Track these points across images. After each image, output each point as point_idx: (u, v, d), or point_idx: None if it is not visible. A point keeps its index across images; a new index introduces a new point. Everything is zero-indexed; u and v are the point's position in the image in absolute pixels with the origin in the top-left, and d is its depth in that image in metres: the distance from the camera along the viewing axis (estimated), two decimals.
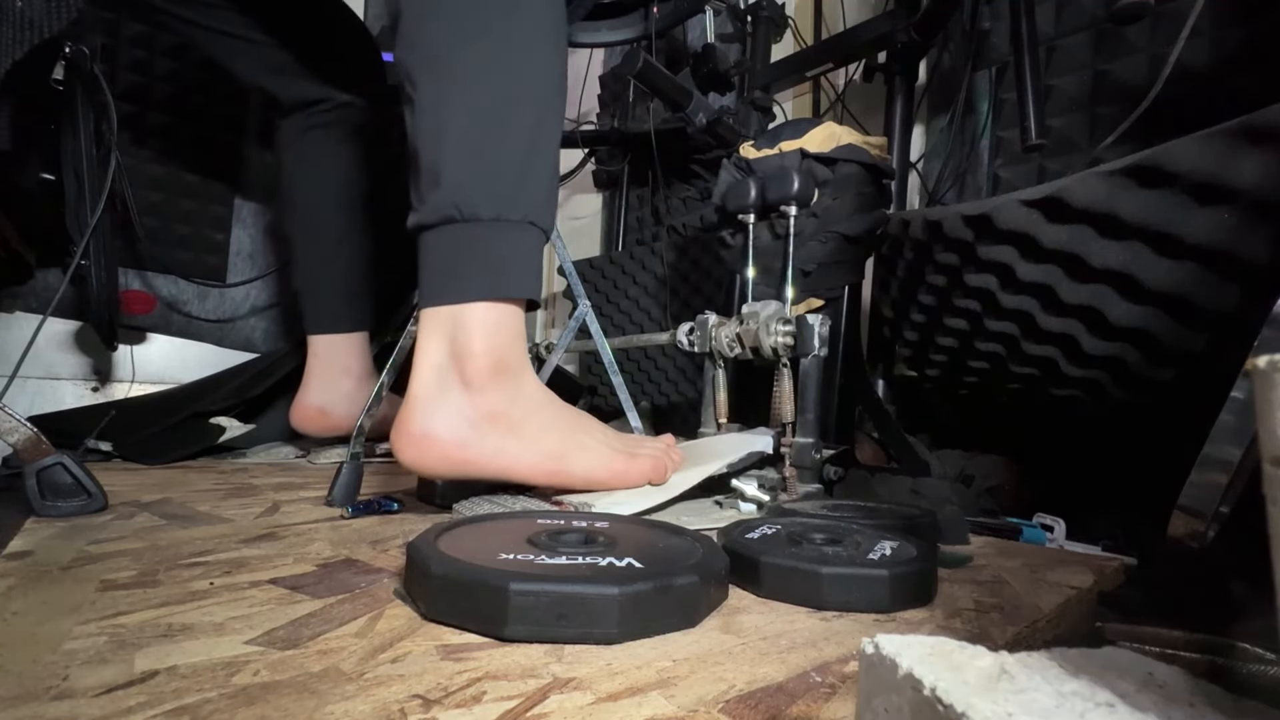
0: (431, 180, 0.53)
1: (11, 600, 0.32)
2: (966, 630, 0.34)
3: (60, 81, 0.91)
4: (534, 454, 0.53)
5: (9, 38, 0.60)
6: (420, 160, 0.54)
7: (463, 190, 0.53)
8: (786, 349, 0.73)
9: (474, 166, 0.54)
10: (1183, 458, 0.35)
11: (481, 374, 0.51)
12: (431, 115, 0.54)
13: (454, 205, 0.53)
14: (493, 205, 0.53)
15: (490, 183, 0.54)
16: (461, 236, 0.53)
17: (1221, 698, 0.17)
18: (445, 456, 0.50)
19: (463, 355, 0.51)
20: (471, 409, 0.51)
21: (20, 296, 1.13)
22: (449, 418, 0.51)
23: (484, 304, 0.53)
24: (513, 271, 0.55)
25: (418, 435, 0.50)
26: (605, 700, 0.24)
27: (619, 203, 1.71)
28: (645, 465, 0.59)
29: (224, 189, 1.37)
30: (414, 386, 0.52)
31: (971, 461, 0.85)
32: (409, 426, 0.50)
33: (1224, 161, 0.52)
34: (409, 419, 0.51)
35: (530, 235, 0.56)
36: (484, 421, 0.51)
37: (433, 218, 0.53)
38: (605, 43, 1.25)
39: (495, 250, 0.54)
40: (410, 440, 0.50)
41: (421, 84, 0.54)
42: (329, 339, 0.94)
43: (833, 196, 0.85)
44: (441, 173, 0.53)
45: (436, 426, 0.50)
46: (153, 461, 0.85)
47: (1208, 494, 0.33)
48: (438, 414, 0.50)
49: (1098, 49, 0.95)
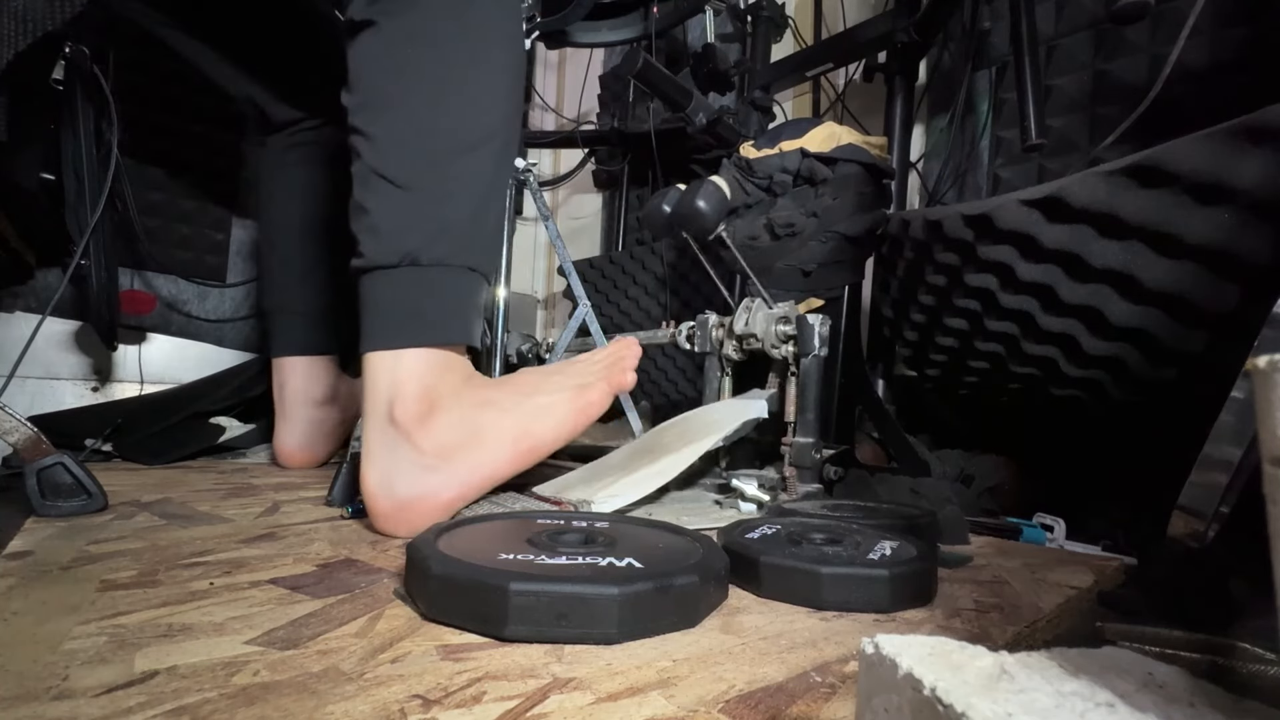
0: (370, 225, 0.53)
1: (11, 600, 0.32)
2: (966, 630, 0.34)
3: (60, 81, 0.91)
4: (502, 452, 0.53)
5: (9, 29, 0.60)
6: (363, 205, 0.53)
7: (401, 237, 0.52)
8: (787, 349, 0.73)
9: (413, 212, 0.53)
10: (1183, 458, 0.35)
11: (418, 419, 0.51)
12: (372, 157, 0.53)
13: (392, 251, 0.52)
14: (432, 251, 0.53)
15: (430, 229, 0.53)
16: (401, 282, 0.53)
17: (1221, 698, 0.17)
18: (424, 513, 0.49)
19: (401, 404, 0.51)
20: (421, 455, 0.50)
21: (20, 296, 1.13)
22: (405, 476, 0.50)
23: (417, 350, 0.52)
24: (448, 319, 0.54)
25: (388, 510, 0.49)
26: (605, 700, 0.24)
27: (619, 203, 1.72)
28: (602, 389, 0.59)
29: (224, 189, 1.37)
30: (365, 451, 0.51)
31: (971, 461, 0.85)
32: (376, 504, 0.50)
33: (1224, 161, 0.52)
34: (373, 494, 0.50)
35: (470, 281, 0.56)
36: (439, 460, 0.51)
37: (370, 262, 0.53)
38: (605, 43, 1.25)
39: (432, 298, 0.53)
40: (384, 516, 0.50)
41: (365, 126, 0.54)
42: (295, 363, 0.90)
43: (833, 196, 0.86)
44: (380, 217, 0.53)
45: (398, 490, 0.49)
46: (153, 461, 0.85)
47: (1208, 494, 0.33)
48: (394, 477, 0.50)
49: (1098, 49, 0.95)
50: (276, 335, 0.92)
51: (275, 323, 0.92)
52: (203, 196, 1.34)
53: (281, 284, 0.92)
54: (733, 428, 0.67)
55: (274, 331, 0.92)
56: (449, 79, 0.55)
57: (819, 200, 0.85)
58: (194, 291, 1.33)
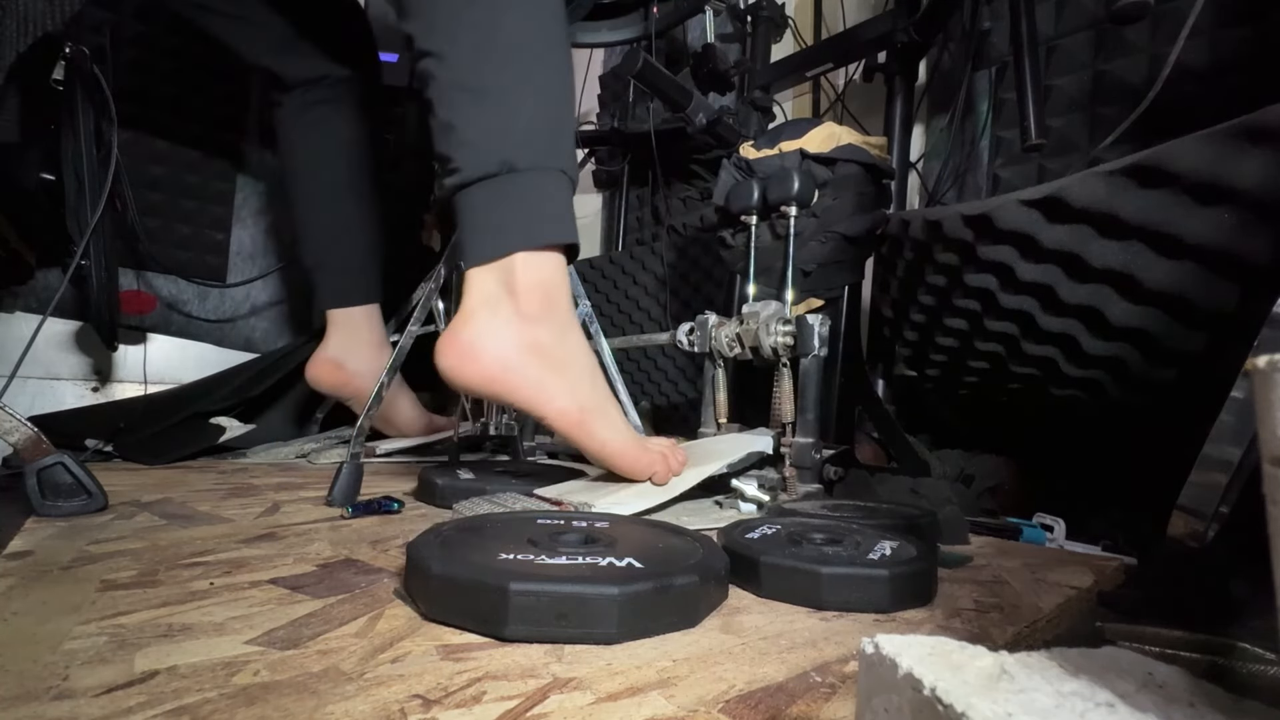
0: (461, 139, 0.54)
1: (11, 600, 0.32)
2: (966, 630, 0.34)
3: (60, 81, 0.91)
4: (567, 399, 0.54)
5: (12, 30, 0.61)
6: (450, 122, 0.55)
7: (499, 144, 0.54)
8: (786, 349, 0.73)
9: (503, 120, 0.54)
10: (1183, 458, 0.35)
11: (533, 305, 0.52)
12: (449, 74, 0.54)
13: (493, 160, 0.53)
14: (528, 156, 0.54)
15: (526, 134, 0.54)
16: (501, 190, 0.54)
17: (1221, 698, 0.17)
18: (485, 373, 0.51)
19: (514, 288, 0.52)
20: (520, 335, 0.52)
21: (20, 296, 1.13)
22: (498, 338, 0.51)
23: (529, 252, 0.54)
24: (553, 218, 0.56)
25: (464, 345, 0.51)
26: (605, 700, 0.24)
27: (619, 203, 1.71)
28: (655, 459, 0.59)
29: (224, 189, 1.37)
30: (466, 304, 0.53)
31: (971, 461, 0.85)
32: (457, 336, 0.51)
33: (1224, 161, 0.52)
34: (458, 330, 0.51)
35: (563, 183, 0.57)
36: (529, 351, 0.52)
37: (473, 174, 0.54)
38: (605, 43, 1.25)
39: (535, 199, 0.55)
40: (455, 349, 0.51)
41: (435, 46, 0.55)
42: (345, 312, 0.96)
43: (833, 196, 0.85)
44: (470, 130, 0.54)
45: (485, 342, 0.51)
46: (153, 461, 0.85)
47: (1208, 494, 0.33)
48: (487, 331, 0.51)
49: (1098, 49, 0.95)
50: (322, 289, 0.97)
51: (319, 277, 0.97)
52: (203, 196, 1.34)
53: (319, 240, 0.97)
54: (738, 457, 0.68)
55: (319, 285, 0.97)
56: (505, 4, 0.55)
57: (819, 201, 0.85)
58: (194, 291, 1.33)
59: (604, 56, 1.90)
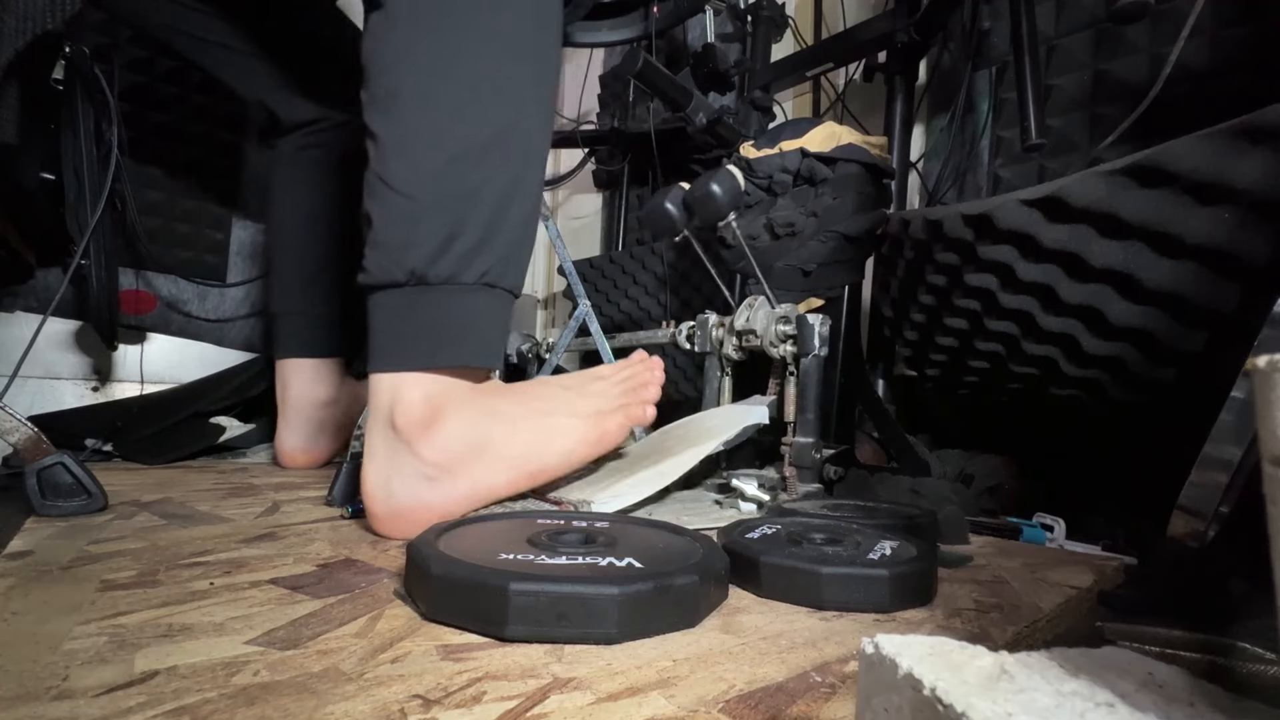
0: (375, 238, 0.50)
1: (11, 600, 0.32)
2: (966, 630, 0.34)
3: (60, 81, 0.91)
4: (506, 470, 0.51)
5: (12, 27, 0.60)
6: (367, 213, 0.50)
7: (406, 252, 0.49)
8: (786, 349, 0.73)
9: (419, 224, 0.49)
10: (1183, 458, 0.35)
11: (421, 426, 0.48)
12: (376, 162, 0.49)
13: (397, 267, 0.49)
14: (443, 268, 0.49)
15: (438, 244, 0.49)
16: (407, 301, 0.50)
17: (1221, 698, 0.17)
18: (419, 521, 0.47)
19: (403, 412, 0.48)
20: (422, 464, 0.48)
21: (20, 296, 1.13)
22: (404, 482, 0.48)
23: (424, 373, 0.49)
24: (464, 339, 0.51)
25: (385, 514, 0.49)
26: (605, 700, 0.24)
27: (619, 203, 1.72)
28: (620, 420, 0.57)
29: (224, 188, 1.37)
30: (366, 453, 0.50)
31: (971, 461, 0.85)
32: (373, 506, 0.49)
33: (1224, 161, 0.52)
34: (371, 496, 0.49)
35: (486, 298, 0.52)
36: (439, 471, 0.49)
37: (377, 279, 0.50)
38: (605, 43, 1.25)
39: (445, 317, 0.50)
40: (381, 519, 0.49)
41: (371, 126, 0.49)
42: (301, 365, 0.90)
43: (833, 196, 0.85)
44: (384, 230, 0.49)
45: (397, 496, 0.48)
46: (153, 461, 0.85)
47: (1208, 494, 0.33)
48: (393, 482, 0.48)
49: (1098, 49, 0.95)
50: (281, 337, 0.91)
51: (280, 325, 0.92)
52: (203, 196, 1.34)
53: (288, 287, 0.92)
54: (734, 432, 0.67)
55: (279, 333, 0.92)
56: (455, 66, 0.49)
57: (819, 200, 0.85)
58: (194, 291, 1.33)
59: (604, 56, 1.90)
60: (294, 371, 0.90)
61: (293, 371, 0.90)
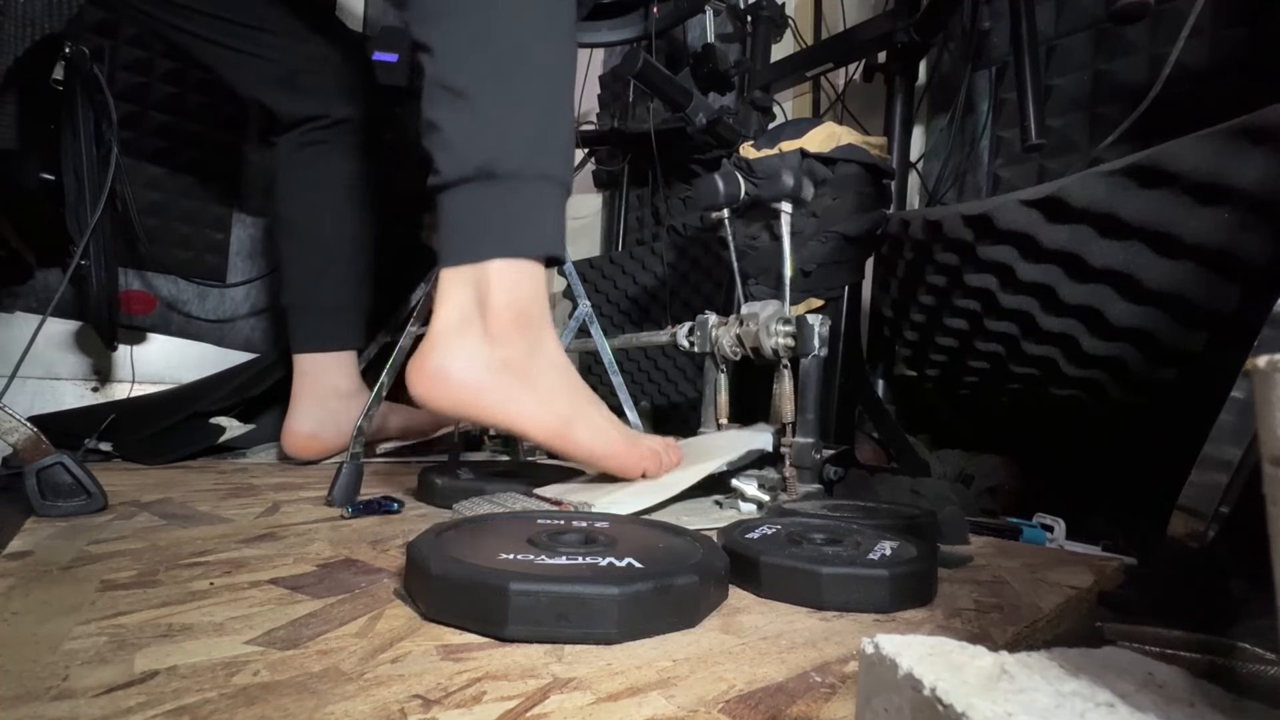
0: (441, 140, 0.53)
1: (11, 600, 0.32)
2: (966, 630, 0.34)
3: (60, 81, 0.91)
4: (544, 412, 0.54)
5: (11, 34, 0.61)
6: (432, 121, 0.54)
7: (477, 148, 0.53)
8: (786, 349, 0.73)
9: (488, 122, 0.53)
10: (1183, 458, 0.35)
11: (503, 325, 0.52)
12: (434, 70, 0.53)
13: (470, 164, 0.53)
14: (509, 162, 0.53)
15: (505, 139, 0.53)
16: (478, 195, 0.53)
17: (1221, 698, 0.17)
18: (457, 398, 0.51)
19: (485, 306, 0.52)
20: (489, 356, 0.51)
21: (20, 296, 1.13)
22: (466, 361, 0.51)
23: (503, 260, 0.53)
24: (531, 228, 0.55)
25: (433, 372, 0.51)
26: (605, 700, 0.24)
27: (619, 203, 1.72)
28: (644, 454, 0.59)
29: (224, 188, 1.37)
30: (434, 326, 0.52)
31: (971, 461, 0.85)
32: (425, 362, 0.51)
33: (1224, 161, 0.52)
34: (426, 355, 0.51)
35: (548, 190, 0.55)
36: (500, 371, 0.52)
37: (450, 177, 0.53)
38: (605, 43, 1.25)
39: (513, 207, 0.54)
40: (425, 376, 0.51)
41: (424, 38, 0.54)
42: (317, 358, 0.92)
43: (833, 196, 0.85)
44: (450, 131, 0.53)
45: (453, 367, 0.51)
46: (153, 461, 0.85)
47: (1208, 494, 0.33)
48: (456, 355, 0.51)
49: (1098, 49, 0.95)
50: (298, 331, 0.94)
51: (296, 319, 0.94)
52: (203, 196, 1.35)
53: (301, 281, 0.94)
54: (738, 454, 0.68)
55: (295, 327, 0.94)
56: None
57: (819, 200, 0.85)
58: (194, 291, 1.33)
59: (604, 56, 1.90)
60: (313, 363, 0.92)
61: (310, 363, 0.92)
